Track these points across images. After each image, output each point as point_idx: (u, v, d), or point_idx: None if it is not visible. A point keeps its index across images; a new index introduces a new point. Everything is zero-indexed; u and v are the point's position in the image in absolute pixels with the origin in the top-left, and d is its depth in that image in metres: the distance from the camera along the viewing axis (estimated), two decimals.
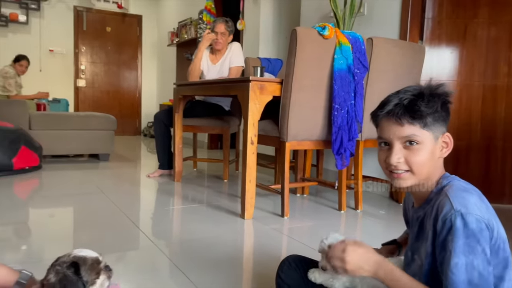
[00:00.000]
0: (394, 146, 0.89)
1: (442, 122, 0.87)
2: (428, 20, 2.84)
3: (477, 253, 0.76)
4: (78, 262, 0.89)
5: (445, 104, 0.88)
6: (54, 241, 1.87)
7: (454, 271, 0.77)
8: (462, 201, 0.79)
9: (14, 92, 5.09)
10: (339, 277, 0.99)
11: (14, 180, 3.20)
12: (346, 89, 2.27)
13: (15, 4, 6.41)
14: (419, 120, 0.85)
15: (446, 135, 0.89)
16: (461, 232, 0.77)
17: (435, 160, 0.89)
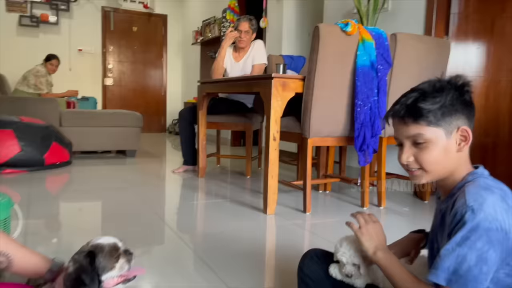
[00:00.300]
0: (404, 145, 0.90)
1: (455, 116, 0.85)
2: (454, 15, 2.80)
3: (474, 249, 0.75)
4: (95, 251, 0.93)
5: (460, 96, 0.85)
6: (83, 234, 1.95)
7: (443, 256, 0.77)
8: (478, 198, 0.78)
9: (45, 90, 5.28)
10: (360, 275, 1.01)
11: (45, 175, 3.33)
12: (369, 86, 2.26)
13: (46, 5, 6.63)
14: (423, 118, 0.85)
15: (462, 129, 0.86)
16: (466, 225, 0.76)
17: (452, 156, 0.87)
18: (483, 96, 2.80)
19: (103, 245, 0.95)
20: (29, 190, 2.73)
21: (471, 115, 0.87)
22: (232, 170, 3.93)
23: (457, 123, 0.86)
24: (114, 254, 0.94)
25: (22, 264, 0.98)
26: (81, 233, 1.93)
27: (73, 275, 0.89)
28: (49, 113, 4.04)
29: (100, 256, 0.92)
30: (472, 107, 0.87)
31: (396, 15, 3.12)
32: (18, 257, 0.97)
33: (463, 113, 0.86)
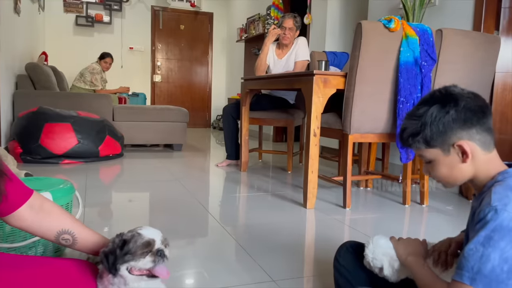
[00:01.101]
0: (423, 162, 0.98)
1: (446, 134, 0.87)
2: (505, 10, 2.69)
3: (497, 248, 0.76)
4: (127, 240, 0.97)
5: (446, 114, 0.86)
6: (132, 223, 2.09)
7: (467, 255, 0.79)
8: (503, 199, 0.80)
9: (100, 86, 5.60)
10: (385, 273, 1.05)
11: (99, 166, 3.57)
12: (412, 82, 2.25)
13: (100, 6, 7.01)
14: (415, 145, 0.92)
15: (457, 145, 0.87)
16: (489, 224, 0.78)
17: (460, 167, 0.89)
18: None
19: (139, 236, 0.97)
20: (85, 180, 2.94)
21: (468, 124, 0.86)
22: (273, 165, 4.00)
23: (451, 140, 0.88)
24: (144, 249, 0.96)
25: (84, 242, 1.08)
26: (130, 222, 2.06)
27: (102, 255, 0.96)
28: (103, 108, 4.30)
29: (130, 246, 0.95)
30: (467, 117, 0.86)
31: (443, 10, 3.05)
32: (82, 236, 1.07)
33: (453, 129, 0.87)
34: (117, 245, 0.96)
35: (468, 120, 0.86)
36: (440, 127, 0.87)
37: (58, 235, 1.04)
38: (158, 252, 0.97)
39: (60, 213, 1.06)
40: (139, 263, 0.95)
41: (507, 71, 2.73)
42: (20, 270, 0.91)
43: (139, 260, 0.95)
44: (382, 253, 1.04)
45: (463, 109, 0.87)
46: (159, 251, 0.97)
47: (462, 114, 0.86)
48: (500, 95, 2.74)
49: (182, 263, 1.54)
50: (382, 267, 1.03)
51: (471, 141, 0.87)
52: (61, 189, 1.46)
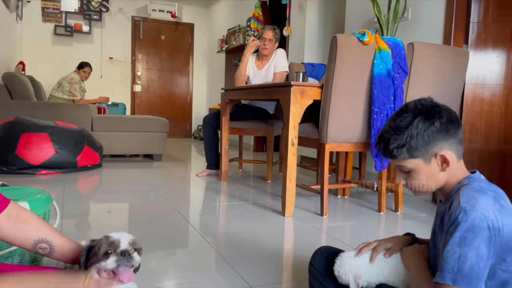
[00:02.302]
0: (396, 170, 1.01)
1: (429, 145, 0.92)
2: (474, 24, 2.83)
3: (473, 247, 0.81)
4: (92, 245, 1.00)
5: (430, 126, 0.91)
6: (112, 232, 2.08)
7: (445, 257, 0.84)
8: (471, 200, 0.85)
9: (78, 96, 5.55)
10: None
11: (77, 176, 3.53)
12: (386, 93, 2.33)
13: (80, 16, 6.97)
14: (397, 156, 0.95)
15: (439, 155, 0.93)
16: (461, 225, 0.83)
17: (438, 176, 0.95)
18: (503, 104, 2.81)
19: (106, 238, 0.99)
20: (62, 191, 2.91)
21: (448, 135, 0.92)
22: (253, 174, 4.04)
23: (433, 150, 0.93)
24: (107, 248, 0.96)
25: (61, 251, 1.08)
26: (109, 233, 2.06)
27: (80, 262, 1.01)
28: (82, 118, 4.27)
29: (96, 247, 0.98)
30: (448, 128, 0.92)
31: (415, 24, 3.17)
32: (59, 244, 1.08)
33: (437, 139, 0.92)
34: (85, 248, 0.99)
35: (449, 131, 0.93)
36: (425, 138, 0.92)
37: (35, 244, 1.05)
38: (123, 253, 0.96)
39: (37, 222, 1.07)
40: (103, 263, 0.95)
41: (476, 83, 2.86)
42: None
43: (102, 262, 0.95)
44: (347, 270, 1.09)
45: (446, 120, 0.93)
46: (124, 252, 0.96)
47: (445, 125, 0.92)
48: (470, 106, 2.86)
49: (162, 273, 1.55)
50: (348, 284, 1.08)
51: (450, 150, 0.93)
52: (39, 198, 1.46)
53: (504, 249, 0.85)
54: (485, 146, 2.82)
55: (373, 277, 1.08)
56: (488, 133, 2.83)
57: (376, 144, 1.01)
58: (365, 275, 1.08)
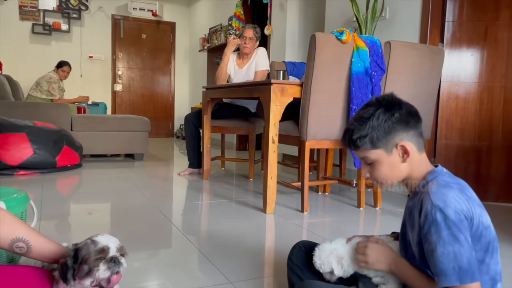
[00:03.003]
0: (362, 163, 1.04)
1: (390, 135, 0.96)
2: (449, 23, 2.90)
3: (461, 241, 0.84)
4: (80, 248, 0.97)
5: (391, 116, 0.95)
6: (93, 232, 2.05)
7: (442, 260, 0.85)
8: (441, 196, 0.88)
9: (57, 96, 5.46)
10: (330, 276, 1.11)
11: (57, 177, 3.48)
12: (364, 91, 2.38)
13: (58, 14, 6.85)
14: (360, 146, 0.98)
15: (400, 145, 0.96)
16: (443, 224, 0.85)
17: (400, 167, 0.98)
18: (477, 101, 2.90)
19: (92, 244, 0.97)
20: (41, 192, 2.87)
21: (408, 127, 0.96)
22: (236, 173, 4.05)
23: (394, 140, 0.96)
24: (97, 256, 0.96)
25: (39, 250, 1.07)
26: (89, 234, 2.03)
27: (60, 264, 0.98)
28: (61, 117, 4.21)
29: (82, 252, 0.95)
30: (408, 120, 0.96)
31: (393, 23, 3.23)
32: (37, 244, 1.07)
33: (397, 130, 0.96)
34: (69, 254, 0.96)
35: (409, 122, 0.97)
36: (386, 128, 0.95)
37: (12, 243, 1.04)
38: (112, 260, 0.96)
39: (13, 221, 1.06)
40: (93, 274, 0.94)
41: (452, 80, 2.93)
42: None
43: (93, 270, 0.94)
44: (327, 255, 1.09)
45: (405, 112, 0.97)
46: (113, 258, 0.96)
47: (404, 117, 0.96)
48: (446, 103, 2.93)
49: (145, 273, 1.55)
50: (332, 270, 1.08)
51: (410, 142, 0.97)
52: (15, 198, 1.44)
53: (473, 237, 0.88)
54: (460, 142, 2.90)
55: (352, 257, 1.07)
56: (463, 130, 2.90)
57: (342, 137, 1.04)
58: (345, 255, 1.08)
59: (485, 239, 0.89)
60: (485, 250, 0.89)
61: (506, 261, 1.75)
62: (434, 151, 2.94)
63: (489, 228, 0.90)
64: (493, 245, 0.91)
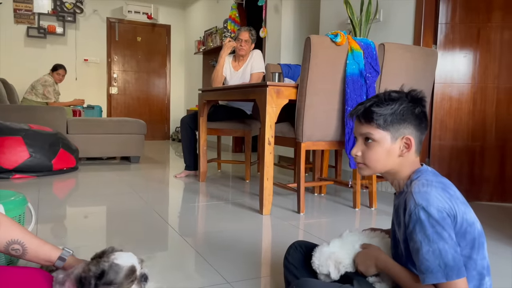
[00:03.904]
0: (357, 141, 1.04)
1: (403, 124, 0.98)
2: (442, 25, 2.93)
3: (445, 238, 0.86)
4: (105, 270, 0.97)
5: (413, 108, 0.98)
6: (89, 237, 2.07)
7: (427, 257, 0.87)
8: (424, 195, 0.90)
9: (52, 99, 5.45)
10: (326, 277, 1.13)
11: (53, 180, 3.48)
12: (358, 92, 2.40)
13: (53, 17, 6.85)
14: (374, 120, 0.98)
15: (406, 137, 0.99)
16: (427, 222, 0.87)
17: (393, 158, 1.00)
18: (470, 102, 2.93)
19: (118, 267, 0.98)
20: (37, 194, 2.87)
21: (421, 126, 1.00)
22: (232, 175, 4.06)
23: (403, 131, 0.99)
24: (129, 279, 0.98)
25: (35, 252, 1.07)
26: (86, 237, 2.03)
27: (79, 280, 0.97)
28: (57, 121, 4.20)
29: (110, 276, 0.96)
30: (423, 120, 1.00)
31: (387, 26, 3.26)
32: (33, 246, 1.08)
33: (411, 123, 0.99)
34: (94, 274, 0.96)
35: (421, 123, 1.00)
36: (404, 116, 0.97)
37: (7, 245, 1.04)
38: (142, 277, 1.02)
39: (9, 224, 1.07)
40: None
41: (445, 82, 2.96)
42: None
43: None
44: (326, 258, 1.11)
45: (423, 113, 1.00)
46: (143, 276, 1.02)
47: (421, 116, 1.00)
48: (439, 104, 2.96)
49: None
50: (328, 273, 1.10)
51: (414, 140, 1.00)
52: (13, 201, 1.45)
53: (458, 234, 0.90)
54: (454, 143, 2.93)
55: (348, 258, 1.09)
56: (457, 130, 2.93)
57: (357, 106, 1.04)
58: (343, 260, 1.09)
59: (470, 236, 0.91)
60: (471, 247, 0.91)
61: (500, 259, 1.78)
62: (428, 152, 2.97)
63: (474, 225, 0.92)
64: (479, 241, 0.92)
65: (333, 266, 1.09)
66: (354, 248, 1.12)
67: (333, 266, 1.09)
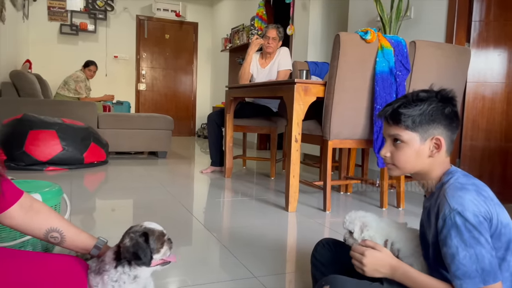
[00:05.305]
0: (386, 142, 1.03)
1: (432, 125, 0.96)
2: (476, 23, 2.86)
3: (483, 243, 0.85)
4: (148, 233, 1.07)
5: (443, 108, 0.96)
6: (118, 228, 2.13)
7: (464, 263, 0.85)
8: (459, 200, 0.88)
9: (84, 94, 5.61)
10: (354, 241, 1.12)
11: (84, 173, 3.59)
12: (388, 91, 2.37)
13: (85, 14, 7.03)
14: (402, 121, 0.97)
15: (436, 138, 0.96)
16: (463, 228, 0.86)
17: (423, 159, 0.98)
18: (504, 102, 2.84)
19: (154, 229, 1.08)
20: (69, 186, 2.96)
21: (451, 126, 0.97)
22: (257, 171, 4.08)
23: (433, 132, 0.97)
24: (161, 239, 1.07)
25: (72, 240, 1.12)
26: (115, 228, 2.08)
27: (131, 249, 1.02)
28: (88, 115, 4.32)
29: (151, 238, 1.05)
30: (453, 120, 0.97)
31: (418, 23, 3.20)
32: (70, 234, 1.12)
33: (441, 124, 0.96)
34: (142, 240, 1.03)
35: (452, 123, 0.98)
36: (433, 117, 0.96)
37: (47, 233, 1.09)
38: (169, 240, 1.10)
39: (48, 212, 1.11)
40: (160, 254, 1.05)
41: (478, 81, 2.89)
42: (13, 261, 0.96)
43: (160, 251, 1.05)
44: (358, 217, 1.12)
45: (454, 112, 0.98)
46: (169, 239, 1.10)
47: (452, 115, 0.97)
48: (472, 103, 2.89)
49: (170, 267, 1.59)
50: (352, 231, 1.10)
51: (445, 140, 0.98)
52: (50, 191, 1.51)
53: (492, 236, 0.89)
54: (486, 143, 2.85)
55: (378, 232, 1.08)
56: (489, 131, 2.85)
57: (385, 107, 1.02)
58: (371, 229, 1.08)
59: (505, 237, 0.90)
60: (506, 248, 0.90)
61: None
62: (459, 152, 2.90)
63: (508, 226, 0.91)
64: (511, 243, 0.91)
65: (359, 226, 1.10)
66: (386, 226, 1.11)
67: (359, 226, 1.10)
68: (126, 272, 1.03)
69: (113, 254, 1.05)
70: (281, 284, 1.47)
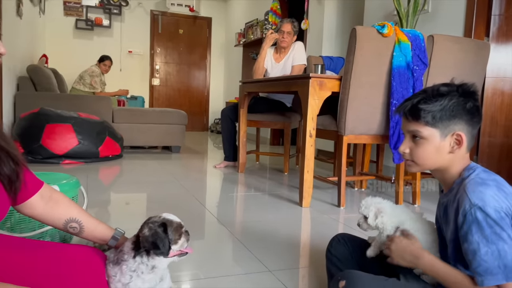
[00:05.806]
0: (405, 138, 1.01)
1: (453, 120, 0.93)
2: (495, 17, 2.79)
3: (505, 239, 0.83)
4: (166, 223, 1.07)
5: (464, 103, 0.93)
6: (133, 221, 2.16)
7: (486, 259, 0.84)
8: (480, 195, 0.86)
9: (99, 89, 5.66)
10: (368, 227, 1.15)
11: (99, 166, 3.63)
12: (405, 85, 2.34)
13: (100, 10, 7.09)
14: (421, 118, 0.94)
15: (457, 133, 0.94)
16: (484, 223, 0.84)
17: (443, 155, 0.95)
18: None
19: (172, 220, 1.08)
20: (86, 180, 3.00)
21: (473, 121, 0.94)
22: (270, 167, 4.07)
23: (453, 127, 0.94)
24: (179, 231, 1.07)
25: (90, 231, 1.13)
26: (130, 221, 2.10)
27: (150, 239, 1.02)
28: (103, 109, 4.37)
29: (169, 229, 1.05)
30: (475, 115, 0.94)
31: (436, 17, 3.15)
32: (88, 225, 1.13)
33: (462, 119, 0.93)
34: (161, 231, 1.04)
35: (474, 118, 0.94)
36: (454, 112, 0.93)
37: (66, 223, 1.10)
38: (186, 232, 1.09)
39: (68, 203, 1.13)
40: (177, 245, 1.06)
41: (497, 76, 2.83)
42: (32, 251, 0.97)
43: (177, 242, 1.05)
44: (374, 203, 1.13)
45: (475, 106, 0.95)
46: (186, 231, 1.10)
47: (474, 110, 0.94)
48: (490, 99, 2.83)
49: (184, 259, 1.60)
50: (367, 216, 1.12)
51: (466, 136, 0.95)
52: (68, 183, 1.53)
53: None
54: (505, 140, 2.80)
55: (390, 219, 1.09)
56: (508, 127, 2.80)
57: (404, 102, 1.00)
58: (385, 215, 1.09)
59: None
60: None
61: None
62: (477, 149, 2.85)
63: None
64: None
65: (373, 212, 1.11)
66: (402, 214, 1.12)
67: (373, 212, 1.11)
68: (144, 262, 1.03)
69: (131, 244, 1.06)
70: (295, 278, 1.47)
